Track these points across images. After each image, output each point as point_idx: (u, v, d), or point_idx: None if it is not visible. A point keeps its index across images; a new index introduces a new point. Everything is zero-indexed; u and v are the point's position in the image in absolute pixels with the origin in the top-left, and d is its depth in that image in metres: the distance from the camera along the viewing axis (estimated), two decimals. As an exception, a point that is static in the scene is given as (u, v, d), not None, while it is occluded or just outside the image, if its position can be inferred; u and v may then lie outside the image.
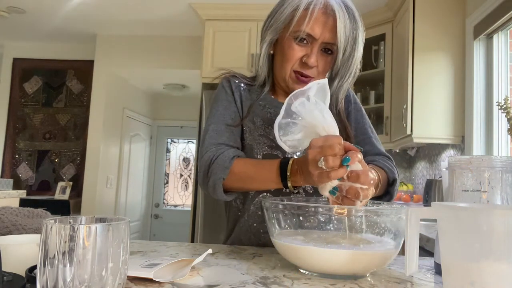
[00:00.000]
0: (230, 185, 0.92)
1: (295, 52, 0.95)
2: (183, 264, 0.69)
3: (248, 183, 0.91)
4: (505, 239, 0.44)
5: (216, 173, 0.90)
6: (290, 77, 0.98)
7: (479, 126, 2.36)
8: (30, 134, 4.39)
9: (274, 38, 1.00)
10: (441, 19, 2.58)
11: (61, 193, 4.11)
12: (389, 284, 0.65)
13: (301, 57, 0.95)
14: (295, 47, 0.95)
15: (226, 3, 3.18)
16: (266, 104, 1.05)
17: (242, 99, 1.06)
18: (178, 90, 4.90)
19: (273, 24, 0.98)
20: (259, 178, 0.88)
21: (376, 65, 3.23)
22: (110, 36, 4.03)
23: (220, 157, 0.92)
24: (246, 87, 1.08)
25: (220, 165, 0.91)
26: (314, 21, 0.92)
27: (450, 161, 0.66)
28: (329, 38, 0.93)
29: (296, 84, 0.97)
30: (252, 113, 1.04)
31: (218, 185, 0.91)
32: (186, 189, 5.54)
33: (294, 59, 0.96)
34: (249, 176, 0.90)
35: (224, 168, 0.90)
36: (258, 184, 0.90)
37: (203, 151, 0.97)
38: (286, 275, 0.68)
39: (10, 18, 3.60)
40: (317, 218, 0.72)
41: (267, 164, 0.88)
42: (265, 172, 0.86)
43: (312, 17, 0.91)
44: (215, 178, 0.90)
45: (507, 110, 1.57)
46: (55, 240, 0.43)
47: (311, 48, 0.94)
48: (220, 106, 1.04)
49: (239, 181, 0.91)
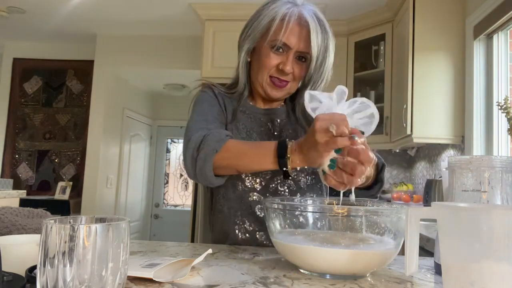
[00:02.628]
0: (221, 162, 0.87)
1: (272, 60, 1.01)
2: (183, 264, 0.69)
3: (241, 160, 0.87)
4: (505, 239, 0.44)
5: (209, 145, 0.87)
6: (266, 83, 1.04)
7: (479, 126, 2.36)
8: (30, 134, 4.39)
9: (251, 46, 1.06)
10: (441, 19, 2.58)
11: (61, 193, 4.11)
12: (389, 284, 0.65)
13: (277, 64, 1.01)
14: (272, 56, 1.01)
15: (226, 3, 3.18)
16: (246, 110, 1.10)
17: (225, 103, 1.10)
18: (178, 90, 4.89)
19: (250, 33, 1.04)
20: (254, 154, 0.86)
21: (376, 65, 3.23)
22: (110, 36, 4.03)
23: (214, 133, 0.90)
24: (226, 95, 1.12)
25: (215, 137, 0.89)
26: (289, 32, 0.98)
27: (450, 161, 0.66)
28: (303, 47, 1.00)
29: (273, 89, 1.04)
30: (235, 119, 1.08)
31: (209, 157, 0.86)
32: (186, 189, 5.54)
33: (270, 66, 1.01)
34: (244, 152, 0.87)
35: (219, 141, 0.88)
36: (252, 162, 0.86)
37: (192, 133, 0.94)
38: (286, 275, 0.68)
39: (10, 18, 3.60)
40: (317, 218, 0.72)
41: (264, 143, 0.89)
42: (262, 149, 0.85)
43: (288, 28, 0.98)
44: (208, 150, 0.87)
45: (507, 110, 1.58)
46: (55, 240, 0.43)
47: (287, 56, 1.00)
48: (205, 104, 1.06)
49: (232, 157, 0.87)
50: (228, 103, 1.10)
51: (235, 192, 1.04)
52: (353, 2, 3.07)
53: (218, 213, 1.09)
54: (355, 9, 3.17)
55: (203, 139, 0.89)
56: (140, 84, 4.86)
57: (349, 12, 3.21)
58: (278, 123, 1.10)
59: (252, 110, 1.11)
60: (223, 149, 0.87)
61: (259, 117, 1.10)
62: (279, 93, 1.05)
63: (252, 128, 1.08)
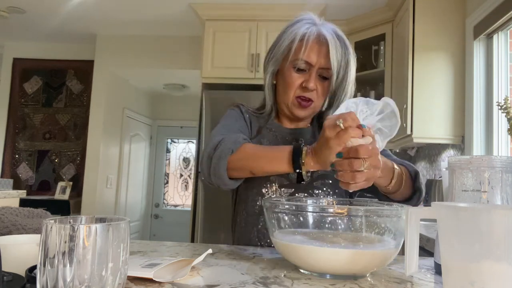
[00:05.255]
0: (236, 163, 0.89)
1: (295, 79, 1.03)
2: (183, 264, 0.69)
3: (256, 161, 0.89)
4: (505, 239, 0.44)
5: (226, 145, 0.90)
6: (292, 103, 1.05)
7: (479, 126, 2.36)
8: (30, 134, 4.39)
9: (275, 69, 1.09)
10: (441, 19, 2.58)
11: (61, 193, 4.10)
12: (389, 284, 0.65)
13: (301, 83, 1.03)
14: (295, 75, 1.04)
15: (226, 3, 3.18)
16: (272, 128, 1.13)
17: (251, 121, 1.13)
18: (178, 90, 4.89)
19: (273, 56, 1.08)
20: (269, 156, 0.88)
21: (376, 65, 3.23)
22: (110, 36, 4.03)
23: (232, 136, 0.94)
24: (253, 115, 1.15)
25: (232, 139, 0.92)
26: (309, 50, 1.01)
27: (450, 161, 0.66)
28: (324, 63, 1.01)
29: (299, 109, 1.05)
30: (259, 135, 1.11)
31: (224, 156, 0.89)
32: (186, 189, 5.54)
33: (295, 85, 1.04)
34: (259, 154, 0.90)
35: (236, 142, 0.91)
36: (267, 164, 0.88)
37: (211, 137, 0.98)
38: (286, 275, 0.68)
39: (10, 18, 3.60)
40: (317, 218, 0.72)
41: (280, 146, 0.91)
42: (277, 152, 0.87)
43: (308, 46, 1.01)
44: (224, 149, 0.90)
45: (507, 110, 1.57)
46: (55, 240, 0.43)
47: (310, 74, 1.02)
48: (231, 119, 1.10)
49: (246, 158, 0.89)
50: (254, 121, 1.14)
51: (254, 207, 1.05)
52: (353, 2, 3.07)
53: (238, 226, 1.11)
54: (355, 9, 3.17)
55: (221, 140, 0.93)
56: (140, 84, 4.86)
57: (349, 12, 3.21)
58: (302, 142, 1.10)
59: (278, 129, 1.13)
60: (239, 150, 0.90)
61: (285, 136, 1.11)
62: (305, 112, 1.06)
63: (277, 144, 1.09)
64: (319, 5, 3.10)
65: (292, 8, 3.07)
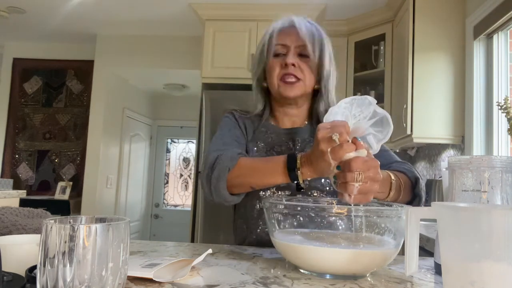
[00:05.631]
0: (235, 181, 0.91)
1: (275, 63, 1.07)
2: (183, 264, 0.69)
3: (253, 176, 0.90)
4: (505, 239, 0.44)
5: (223, 164, 0.91)
6: (278, 85, 1.07)
7: (479, 126, 2.36)
8: (30, 134, 4.39)
9: (261, 69, 1.12)
10: (441, 19, 2.58)
11: (61, 193, 4.10)
12: (389, 284, 0.65)
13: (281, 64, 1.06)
14: (275, 60, 1.07)
15: (226, 3, 3.17)
16: (267, 130, 1.13)
17: (246, 126, 1.14)
18: (178, 90, 4.89)
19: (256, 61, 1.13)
20: (265, 169, 0.88)
21: (376, 65, 3.23)
22: (110, 36, 4.03)
23: (227, 153, 0.95)
24: (248, 118, 1.16)
25: (227, 157, 0.93)
26: (282, 34, 1.07)
27: (450, 161, 0.66)
28: (299, 42, 1.05)
29: (286, 87, 1.06)
30: (255, 138, 1.12)
31: (222, 175, 0.90)
32: (186, 189, 5.54)
33: (276, 68, 1.07)
34: (255, 169, 0.90)
35: (232, 159, 0.92)
36: (264, 177, 0.89)
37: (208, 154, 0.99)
38: (286, 275, 0.68)
39: (10, 18, 3.60)
40: (317, 218, 0.72)
41: (274, 157, 0.91)
42: (272, 164, 0.87)
43: (279, 31, 1.07)
44: (221, 168, 0.90)
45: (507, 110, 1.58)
46: (55, 240, 0.43)
47: (287, 53, 1.06)
48: (225, 129, 1.11)
49: (244, 175, 0.90)
50: (249, 125, 1.15)
51: (253, 211, 1.05)
52: (353, 2, 3.07)
53: (239, 229, 1.12)
54: (355, 9, 3.17)
55: (217, 158, 0.93)
56: (140, 84, 4.86)
57: (349, 12, 3.21)
58: (299, 142, 1.10)
59: (274, 130, 1.13)
60: (235, 167, 0.90)
61: (281, 137, 1.11)
62: (294, 91, 1.06)
63: (272, 147, 1.09)
64: (319, 5, 3.10)
65: (292, 8, 3.07)
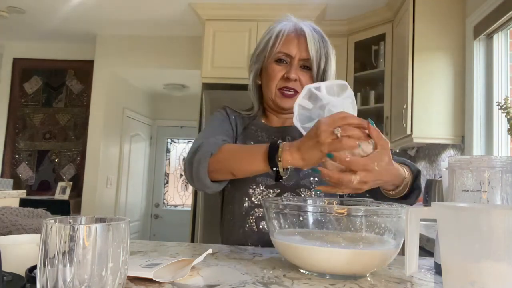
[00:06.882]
0: (216, 165, 0.90)
1: (276, 71, 1.06)
2: (183, 264, 0.69)
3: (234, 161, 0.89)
4: (505, 239, 0.44)
5: (206, 148, 0.92)
6: (276, 95, 1.07)
7: (479, 126, 2.36)
8: (30, 134, 4.39)
9: (258, 67, 1.11)
10: (441, 19, 2.58)
11: (61, 193, 4.10)
12: (389, 284, 0.65)
13: (283, 74, 1.05)
14: (276, 67, 1.06)
15: (226, 3, 3.18)
16: (258, 128, 1.13)
17: (237, 122, 1.14)
18: (178, 90, 4.89)
19: (255, 56, 1.12)
20: (247, 155, 0.88)
21: (376, 65, 3.23)
22: (110, 36, 4.03)
23: (211, 139, 0.97)
24: (239, 116, 1.16)
25: (211, 142, 0.94)
26: (288, 42, 1.05)
27: (450, 161, 0.66)
28: (305, 55, 1.04)
29: (283, 99, 1.06)
30: (245, 136, 1.12)
31: (203, 159, 0.89)
32: (186, 189, 5.54)
33: (277, 77, 1.06)
34: (237, 154, 0.90)
35: (215, 144, 0.93)
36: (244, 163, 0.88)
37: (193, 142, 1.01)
38: (286, 275, 0.68)
39: (10, 18, 3.60)
40: (317, 218, 0.72)
41: (257, 145, 0.90)
42: (254, 151, 0.87)
43: (284, 38, 1.05)
44: (203, 152, 0.91)
45: (507, 110, 1.58)
46: (55, 240, 0.43)
47: (290, 65, 1.05)
48: (216, 121, 1.12)
49: (225, 159, 0.90)
50: (239, 122, 1.14)
51: (241, 208, 1.05)
52: (353, 2, 3.07)
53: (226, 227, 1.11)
54: (355, 9, 3.17)
55: (201, 143, 0.95)
56: (140, 84, 4.86)
57: (349, 12, 3.21)
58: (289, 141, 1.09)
59: (264, 128, 1.13)
60: (218, 151, 0.91)
61: (271, 135, 1.11)
62: (289, 103, 1.05)
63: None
64: (319, 5, 3.10)
65: (292, 8, 3.07)
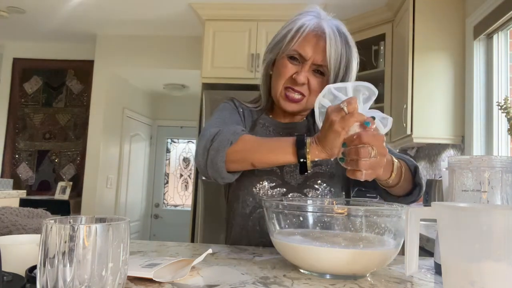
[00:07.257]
0: (235, 156, 0.85)
1: (287, 69, 0.98)
2: (183, 264, 0.69)
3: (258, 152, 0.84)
4: (505, 239, 0.44)
5: (225, 136, 0.85)
6: (280, 95, 1.01)
7: (479, 126, 2.36)
8: (30, 134, 4.39)
9: (272, 58, 1.04)
10: (441, 19, 2.58)
11: (61, 193, 4.10)
12: (389, 284, 0.65)
13: (292, 74, 0.98)
14: (288, 65, 0.98)
15: (226, 3, 3.17)
16: (265, 123, 1.10)
17: (245, 115, 1.09)
18: (178, 90, 4.89)
19: (271, 46, 1.03)
20: (272, 146, 0.84)
21: (376, 65, 3.23)
22: (110, 36, 4.03)
23: (230, 127, 0.89)
24: (247, 109, 1.12)
25: (230, 130, 0.87)
26: (305, 41, 0.95)
27: (450, 161, 0.66)
28: (320, 60, 0.96)
29: (285, 102, 1.00)
30: (253, 130, 1.07)
31: (222, 148, 0.84)
32: (186, 189, 5.54)
33: (286, 75, 0.99)
34: (261, 144, 0.85)
35: (235, 133, 0.86)
36: (270, 153, 0.83)
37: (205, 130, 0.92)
38: (286, 275, 0.68)
39: (10, 18, 3.60)
40: (317, 218, 0.72)
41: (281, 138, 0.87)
42: (280, 142, 0.83)
43: (302, 37, 0.95)
44: (222, 140, 0.85)
45: (507, 110, 1.58)
46: (55, 240, 0.43)
47: (302, 67, 0.97)
48: (225, 111, 1.06)
49: (247, 150, 0.84)
50: (247, 115, 1.10)
51: (245, 207, 1.03)
52: (353, 2, 3.07)
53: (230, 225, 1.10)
54: (355, 9, 3.16)
55: (218, 131, 0.88)
56: (140, 84, 4.86)
57: (349, 12, 3.21)
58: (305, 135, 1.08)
59: (272, 124, 1.09)
60: (238, 141, 0.85)
61: (278, 131, 1.08)
62: (293, 107, 1.01)
63: None
64: (319, 5, 3.09)
65: (292, 8, 3.07)
